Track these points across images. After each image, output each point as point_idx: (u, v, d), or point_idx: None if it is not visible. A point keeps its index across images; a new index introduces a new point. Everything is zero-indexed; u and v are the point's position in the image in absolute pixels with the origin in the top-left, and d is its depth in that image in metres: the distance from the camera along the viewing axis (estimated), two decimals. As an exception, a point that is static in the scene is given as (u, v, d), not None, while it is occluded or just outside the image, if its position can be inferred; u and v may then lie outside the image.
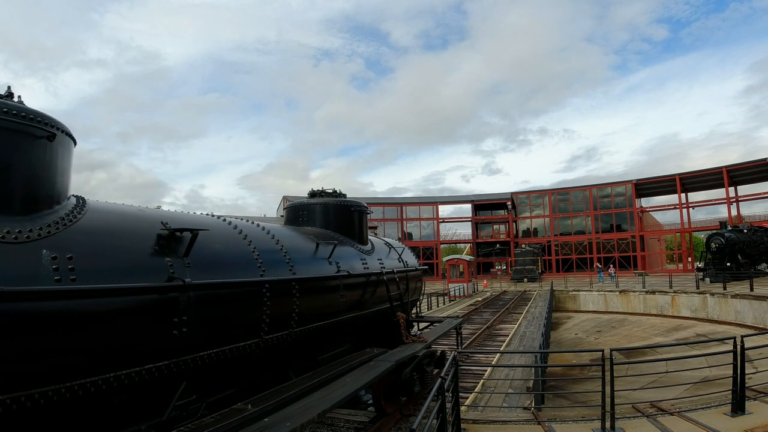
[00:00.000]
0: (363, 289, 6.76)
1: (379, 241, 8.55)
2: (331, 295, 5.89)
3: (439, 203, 57.42)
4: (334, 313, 5.95)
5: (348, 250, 6.82)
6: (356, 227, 7.50)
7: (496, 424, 6.73)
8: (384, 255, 7.94)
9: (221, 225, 4.84)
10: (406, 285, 8.47)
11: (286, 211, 7.53)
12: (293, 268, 5.12)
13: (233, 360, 4.24)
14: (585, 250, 49.67)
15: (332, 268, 5.96)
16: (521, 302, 26.54)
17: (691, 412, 6.61)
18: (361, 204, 7.68)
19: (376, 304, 7.24)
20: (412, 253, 9.78)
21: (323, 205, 7.32)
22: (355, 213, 7.52)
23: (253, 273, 4.50)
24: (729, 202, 42.20)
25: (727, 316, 21.76)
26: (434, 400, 4.50)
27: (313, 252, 5.89)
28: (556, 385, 12.74)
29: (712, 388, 8.98)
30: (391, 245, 8.68)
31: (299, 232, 6.29)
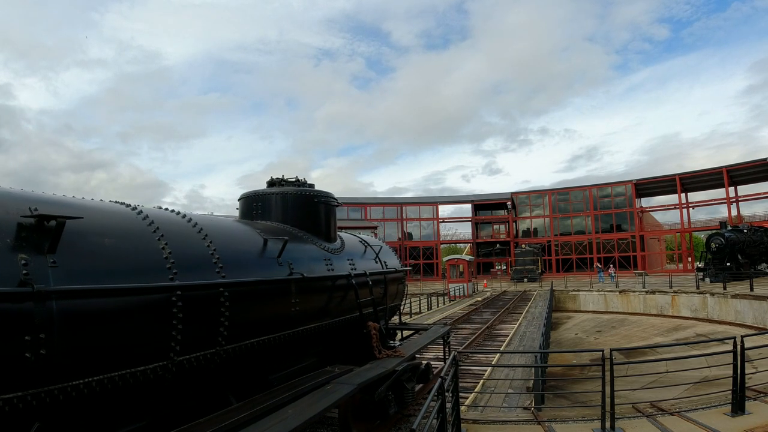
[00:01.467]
0: (325, 294, 5.78)
1: (352, 239, 7.59)
2: (280, 303, 4.85)
3: (439, 203, 57.46)
4: (284, 324, 4.90)
5: (308, 248, 5.87)
6: (321, 222, 6.48)
7: (496, 424, 6.73)
8: (357, 255, 7.01)
9: (121, 214, 3.77)
10: (384, 289, 7.49)
11: (240, 203, 6.54)
12: (223, 269, 4.10)
13: (128, 389, 3.25)
14: (585, 250, 49.68)
15: (282, 269, 4.95)
16: (521, 302, 26.55)
17: (691, 412, 6.61)
18: (327, 194, 6.70)
19: (344, 313, 6.22)
20: (393, 253, 8.83)
21: (281, 195, 6.28)
22: (320, 205, 6.50)
23: (159, 276, 3.48)
24: (729, 202, 42.21)
25: (727, 316, 21.76)
26: (434, 400, 4.51)
27: (259, 250, 4.86)
28: (556, 385, 12.75)
29: (712, 388, 8.98)
30: (366, 243, 7.71)
31: (244, 227, 5.32)
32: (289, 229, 5.97)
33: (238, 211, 6.76)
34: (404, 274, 8.83)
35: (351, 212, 54.39)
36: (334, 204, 6.88)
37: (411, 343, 7.89)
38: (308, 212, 6.37)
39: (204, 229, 4.35)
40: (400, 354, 6.45)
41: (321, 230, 6.43)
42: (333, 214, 6.82)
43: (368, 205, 55.73)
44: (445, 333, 8.75)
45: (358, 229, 49.04)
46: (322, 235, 6.36)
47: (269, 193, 6.34)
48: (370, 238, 8.36)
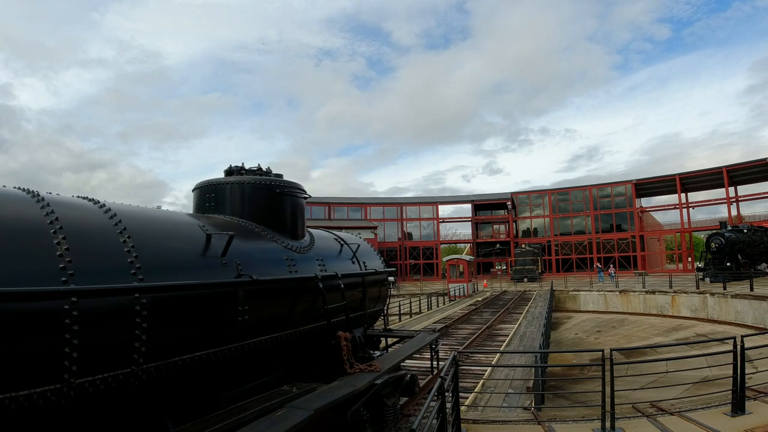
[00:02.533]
0: (284, 300, 4.91)
1: (325, 237, 6.83)
2: (222, 312, 4.01)
3: (439, 203, 57.47)
4: (228, 336, 4.07)
5: (266, 247, 5.06)
6: (285, 216, 5.67)
7: (496, 424, 6.74)
8: (329, 254, 6.24)
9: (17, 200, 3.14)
10: (362, 293, 6.65)
11: (193, 195, 5.76)
12: (142, 271, 3.34)
13: (9, 419, 2.65)
14: (585, 250, 49.69)
15: (228, 271, 4.14)
16: (521, 302, 26.55)
17: (691, 412, 6.61)
18: (293, 185, 5.88)
19: (309, 321, 5.36)
20: (374, 252, 8.03)
21: (237, 185, 5.47)
22: (284, 197, 5.69)
23: (49, 279, 2.85)
24: (729, 202, 42.21)
25: (727, 316, 21.77)
26: (434, 400, 4.51)
27: (199, 249, 4.08)
28: (556, 385, 12.75)
29: (712, 388, 8.98)
30: (343, 241, 6.94)
31: (184, 221, 4.50)
32: (244, 224, 5.18)
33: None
34: (387, 275, 7.87)
35: (351, 212, 54.40)
36: (302, 196, 6.07)
37: (392, 354, 6.96)
38: (269, 205, 5.55)
39: (123, 221, 3.56)
40: (375, 369, 5.46)
41: (285, 226, 5.61)
42: (300, 207, 6.00)
43: (368, 205, 55.72)
44: (432, 340, 7.82)
45: (358, 229, 49.12)
46: (286, 232, 5.55)
47: (224, 183, 5.50)
48: (348, 236, 7.48)
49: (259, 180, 5.57)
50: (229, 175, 5.70)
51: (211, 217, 5.14)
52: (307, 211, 42.18)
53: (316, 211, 52.43)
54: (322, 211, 52.78)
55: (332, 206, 53.85)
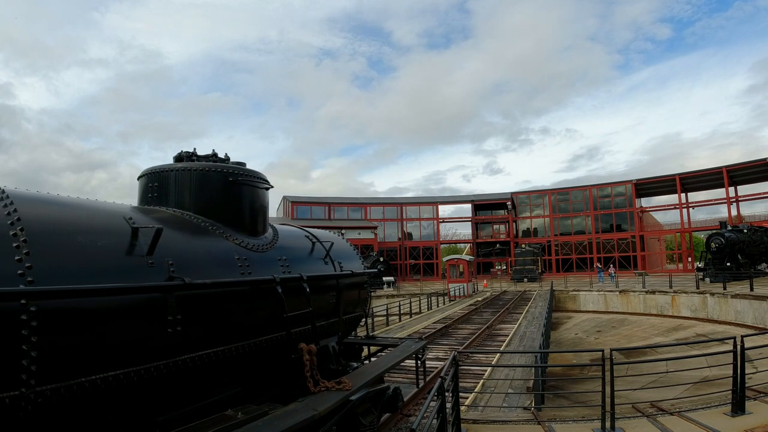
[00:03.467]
0: (231, 308, 4.10)
1: (294, 233, 6.07)
2: (146, 322, 3.29)
3: (439, 203, 57.48)
4: (155, 351, 3.34)
5: (211, 244, 4.31)
6: (242, 209, 4.90)
7: (496, 424, 6.73)
8: (295, 253, 5.49)
9: None
10: (337, 298, 5.91)
11: (138, 185, 5.01)
12: (32, 272, 2.70)
13: None
14: (585, 250, 49.69)
15: (156, 273, 3.44)
16: (521, 302, 26.55)
17: (691, 412, 6.61)
18: (251, 173, 5.07)
19: (263, 332, 4.53)
20: (353, 250, 7.25)
21: (183, 171, 4.68)
22: (240, 187, 4.87)
23: None
24: (729, 202, 42.21)
25: (727, 316, 21.77)
26: (434, 400, 4.51)
27: (120, 247, 3.36)
28: (556, 385, 12.75)
29: (712, 388, 8.99)
30: (315, 238, 6.17)
31: (105, 212, 3.70)
32: (188, 218, 4.44)
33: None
34: (367, 277, 7.08)
35: (351, 212, 54.40)
36: (263, 186, 5.23)
37: (373, 365, 6.06)
38: (221, 196, 4.76)
39: (19, 210, 2.89)
40: (344, 386, 4.58)
41: (240, 220, 4.83)
42: (260, 199, 5.19)
43: (368, 205, 55.72)
44: (418, 349, 6.86)
45: (358, 229, 49.15)
46: (241, 228, 4.78)
47: (167, 171, 4.75)
48: (322, 232, 6.75)
49: (209, 167, 4.74)
50: (178, 161, 4.92)
51: (151, 209, 4.41)
52: (307, 211, 41.94)
53: (316, 211, 52.43)
54: (322, 211, 52.76)
55: (332, 206, 53.84)
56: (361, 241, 48.44)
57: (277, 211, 59.81)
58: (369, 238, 49.12)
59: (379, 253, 43.92)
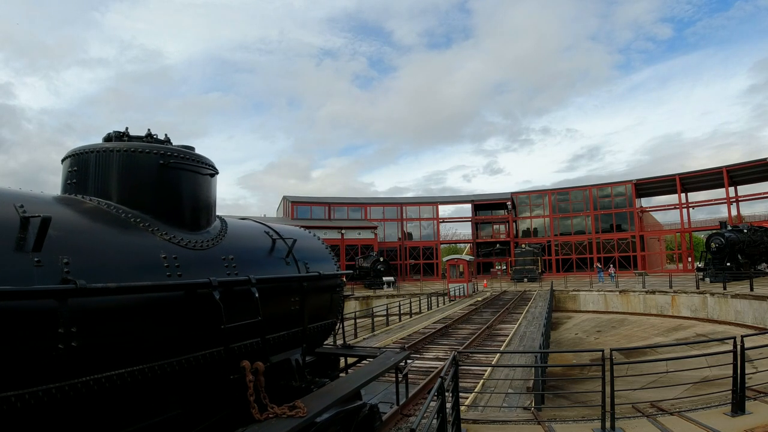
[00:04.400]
0: (152, 318, 3.35)
1: (249, 227, 5.27)
2: (28, 336, 2.59)
3: (439, 203, 57.49)
4: (41, 372, 2.65)
5: (131, 240, 3.57)
6: (178, 198, 4.15)
7: (496, 424, 6.73)
8: (247, 251, 4.71)
9: None
10: (301, 304, 5.09)
11: (62, 169, 4.17)
12: None
13: None
14: (585, 250, 49.70)
15: (42, 275, 2.71)
16: (521, 302, 26.56)
17: (691, 412, 6.62)
18: (191, 156, 4.27)
19: (197, 347, 3.72)
20: (324, 248, 6.34)
21: (105, 153, 3.92)
22: (175, 172, 4.10)
23: None
24: (729, 202, 42.22)
25: (727, 316, 21.78)
26: (434, 400, 4.51)
27: (5, 242, 2.68)
28: (556, 385, 12.76)
29: (712, 388, 8.99)
30: (277, 235, 5.34)
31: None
32: (106, 208, 3.69)
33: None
34: (338, 279, 6.27)
35: (351, 212, 54.41)
36: (207, 172, 4.42)
37: (345, 381, 5.21)
38: (150, 182, 3.99)
39: None
40: (299, 413, 3.76)
41: (176, 212, 4.08)
42: (203, 187, 4.40)
43: (368, 205, 55.73)
44: (399, 361, 6.05)
45: (358, 229, 49.19)
46: (177, 220, 4.04)
47: (88, 152, 3.96)
48: (288, 228, 5.93)
49: (137, 147, 3.96)
50: (108, 141, 4.19)
51: (62, 198, 3.69)
52: (307, 211, 42.00)
53: (316, 211, 52.44)
54: (322, 211, 52.77)
55: (332, 206, 53.85)
56: (361, 241, 48.45)
57: (277, 211, 59.84)
58: (369, 238, 49.12)
59: (379, 253, 43.92)
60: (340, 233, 47.68)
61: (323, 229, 47.50)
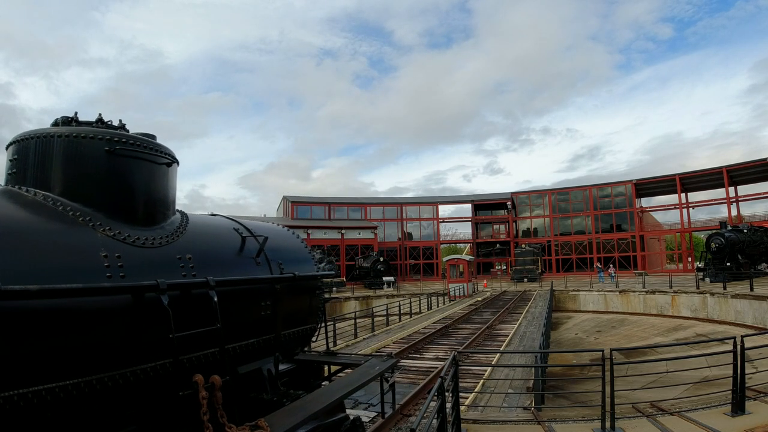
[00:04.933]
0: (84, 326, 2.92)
1: (216, 223, 4.84)
2: None
3: (439, 203, 57.47)
4: None
5: (62, 236, 3.13)
6: (128, 189, 3.70)
7: (496, 424, 6.73)
8: (211, 249, 4.25)
9: None
10: (273, 308, 4.65)
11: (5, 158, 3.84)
12: None
13: None
14: (585, 250, 49.68)
15: None
16: (521, 302, 26.55)
17: (691, 412, 6.62)
18: (144, 142, 3.82)
19: (143, 359, 3.29)
20: (303, 247, 5.84)
21: (46, 139, 3.51)
22: (127, 161, 3.66)
23: None
24: (729, 202, 42.21)
25: (727, 316, 21.77)
26: (434, 400, 4.51)
27: None
28: (556, 385, 12.75)
29: (712, 388, 8.99)
30: (247, 231, 4.83)
31: None
32: (42, 200, 3.31)
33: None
34: (319, 281, 5.74)
35: (351, 212, 54.40)
36: (163, 161, 3.97)
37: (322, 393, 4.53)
38: (95, 172, 3.55)
39: None
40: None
41: (125, 205, 3.65)
42: (158, 178, 3.94)
43: (368, 205, 55.72)
44: (385, 370, 5.51)
45: (358, 229, 49.17)
46: (126, 214, 3.60)
47: (28, 138, 3.56)
48: (260, 224, 5.46)
49: (80, 132, 3.54)
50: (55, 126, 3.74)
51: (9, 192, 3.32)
52: (307, 211, 41.96)
53: (316, 211, 52.43)
54: (322, 211, 52.76)
55: (332, 206, 53.84)
56: (361, 241, 48.44)
57: (277, 211, 59.83)
58: (369, 238, 49.11)
59: (379, 253, 43.91)
60: (340, 233, 47.68)
61: (323, 229, 47.53)
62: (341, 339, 15.57)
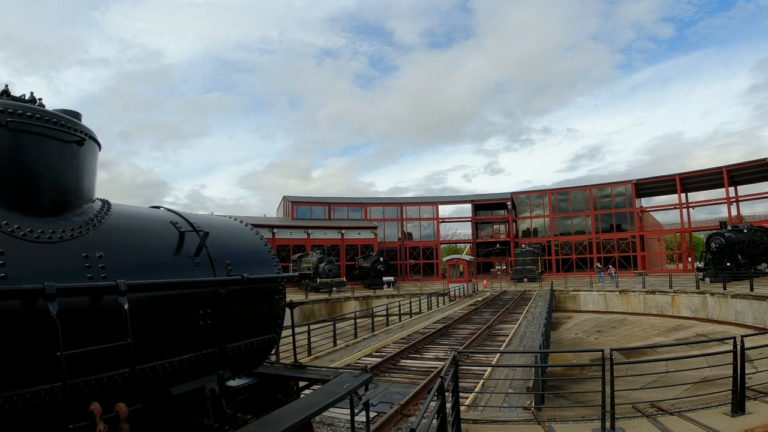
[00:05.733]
0: None
1: (148, 215, 4.09)
2: None
3: (440, 203, 57.49)
4: None
5: None
6: (21, 170, 3.06)
7: (496, 424, 6.73)
8: (133, 245, 3.55)
9: None
10: (215, 317, 3.90)
11: None
12: None
13: None
14: (585, 250, 49.71)
15: None
16: (521, 302, 26.55)
17: (691, 412, 6.62)
18: (39, 113, 3.14)
19: (23, 383, 2.61)
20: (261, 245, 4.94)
21: None
22: (23, 136, 3.05)
23: None
24: (729, 202, 42.22)
25: (727, 316, 21.77)
26: (434, 400, 4.50)
27: None
28: (556, 385, 12.75)
29: (712, 388, 8.99)
30: (186, 225, 4.12)
31: None
32: None
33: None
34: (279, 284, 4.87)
35: (351, 212, 54.41)
36: (72, 139, 3.33)
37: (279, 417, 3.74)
38: None
39: None
40: None
41: (20, 189, 3.04)
42: (64, 157, 3.30)
43: (368, 205, 55.73)
44: (355, 388, 4.62)
45: (358, 229, 49.18)
46: (16, 201, 2.97)
47: None
48: (209, 218, 4.81)
49: None
50: None
51: None
52: (307, 211, 41.95)
53: (316, 211, 52.45)
54: (322, 211, 52.78)
55: (332, 206, 53.85)
56: (361, 241, 48.45)
57: (277, 211, 59.84)
58: (369, 238, 49.12)
59: (379, 253, 43.92)
60: (340, 233, 47.69)
61: (323, 229, 47.54)
62: (341, 339, 15.57)
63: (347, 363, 11.74)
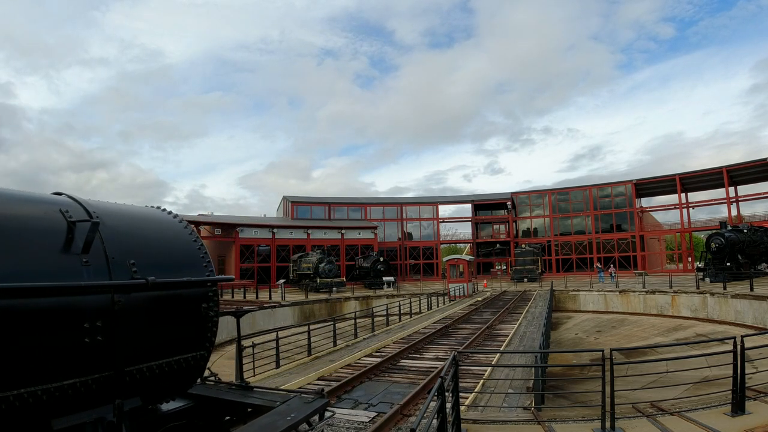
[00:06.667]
0: None
1: (26, 199, 3.15)
2: None
3: (440, 203, 57.51)
4: None
5: None
6: None
7: (496, 424, 6.73)
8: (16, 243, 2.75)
9: None
10: (109, 332, 3.06)
11: None
12: None
13: None
14: (585, 250, 49.73)
15: None
16: (521, 302, 26.56)
17: (691, 412, 6.62)
18: None
19: None
20: (187, 236, 4.07)
21: None
22: None
23: None
24: (729, 202, 42.24)
25: (727, 316, 21.78)
26: (434, 400, 4.51)
27: None
28: (556, 385, 12.76)
29: (712, 388, 8.99)
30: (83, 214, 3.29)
31: None
32: None
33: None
34: (209, 289, 3.92)
35: (351, 212, 54.43)
36: None
37: None
38: None
39: None
40: None
41: None
42: None
43: (368, 205, 55.74)
44: (307, 417, 3.83)
45: (358, 229, 49.18)
46: None
47: None
48: (116, 208, 3.84)
49: None
50: None
51: None
52: (307, 211, 42.19)
53: (316, 211, 52.47)
54: (322, 211, 52.80)
55: (332, 206, 53.87)
56: (361, 241, 48.46)
57: (277, 211, 59.83)
58: (369, 238, 49.13)
59: (379, 253, 43.94)
60: (340, 233, 47.69)
61: (323, 229, 47.55)
62: (341, 339, 15.57)
63: (347, 363, 11.76)
